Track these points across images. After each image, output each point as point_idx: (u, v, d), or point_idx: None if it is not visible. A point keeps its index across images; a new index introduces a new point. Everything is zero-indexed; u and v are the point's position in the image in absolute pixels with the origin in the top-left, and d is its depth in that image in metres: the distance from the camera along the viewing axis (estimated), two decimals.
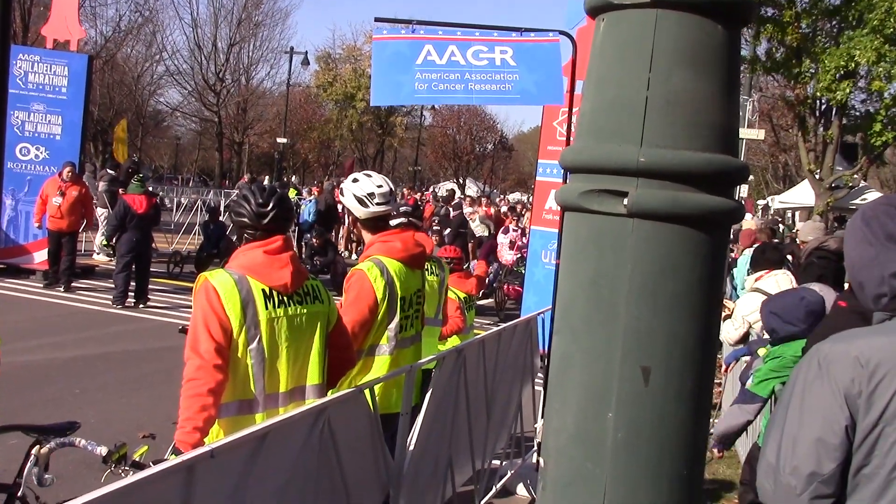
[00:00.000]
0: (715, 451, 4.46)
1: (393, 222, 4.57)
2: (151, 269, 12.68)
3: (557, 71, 6.42)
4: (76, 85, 13.72)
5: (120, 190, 16.28)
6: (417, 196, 29.07)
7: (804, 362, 1.92)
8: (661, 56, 1.49)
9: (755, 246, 8.51)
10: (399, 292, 3.98)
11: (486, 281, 14.15)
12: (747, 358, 5.26)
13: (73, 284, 12.79)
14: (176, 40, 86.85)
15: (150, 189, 13.50)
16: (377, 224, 4.08)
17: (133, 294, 12.00)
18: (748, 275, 7.46)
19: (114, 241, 12.00)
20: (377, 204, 3.98)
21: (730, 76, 1.53)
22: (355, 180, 4.05)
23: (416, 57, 6.29)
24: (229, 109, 52.56)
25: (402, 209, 4.93)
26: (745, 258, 9.26)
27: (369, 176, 4.07)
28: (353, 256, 19.37)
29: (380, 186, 3.99)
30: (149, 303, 12.07)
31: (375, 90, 6.52)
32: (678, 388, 1.51)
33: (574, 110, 6.28)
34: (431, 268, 5.24)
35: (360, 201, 3.99)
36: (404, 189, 36.10)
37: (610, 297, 1.52)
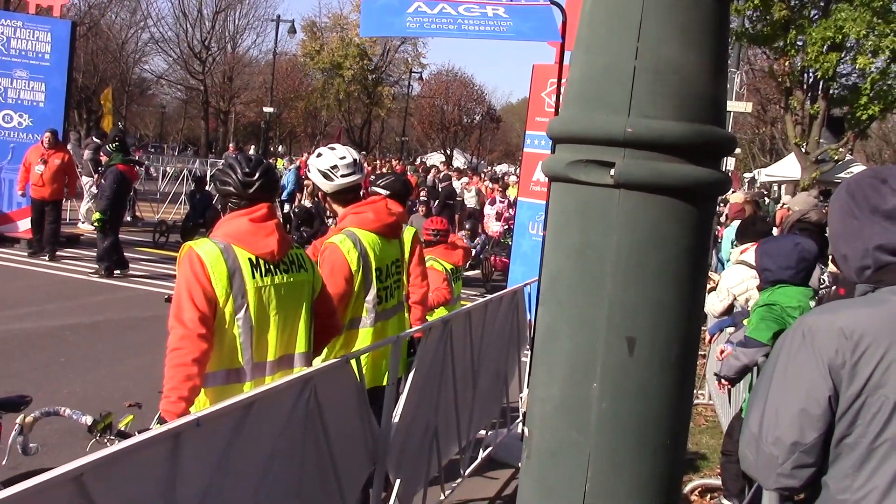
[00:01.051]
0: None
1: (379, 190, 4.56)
2: (137, 239, 12.53)
3: (552, 19, 6.33)
4: (59, 51, 13.52)
5: (103, 159, 16.12)
6: (408, 167, 28.90)
7: (789, 333, 1.93)
8: (650, 25, 1.47)
9: (746, 217, 8.52)
10: (374, 263, 3.96)
11: (473, 252, 14.15)
12: (731, 329, 5.29)
13: (58, 253, 12.69)
14: (161, 7, 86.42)
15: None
16: (346, 196, 4.05)
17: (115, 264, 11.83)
18: (733, 247, 7.49)
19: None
20: (342, 176, 3.95)
21: (718, 46, 1.52)
22: (319, 155, 4.02)
23: (407, 7, 6.20)
24: (215, 78, 52.10)
25: (383, 182, 4.89)
26: (729, 231, 9.29)
27: (333, 149, 4.03)
28: None
29: (342, 158, 3.95)
30: (135, 272, 11.98)
31: (365, 23, 6.39)
32: (663, 359, 1.52)
33: (563, 81, 6.23)
34: None
35: (325, 175, 3.96)
36: (393, 160, 35.95)
37: (596, 268, 1.52)
